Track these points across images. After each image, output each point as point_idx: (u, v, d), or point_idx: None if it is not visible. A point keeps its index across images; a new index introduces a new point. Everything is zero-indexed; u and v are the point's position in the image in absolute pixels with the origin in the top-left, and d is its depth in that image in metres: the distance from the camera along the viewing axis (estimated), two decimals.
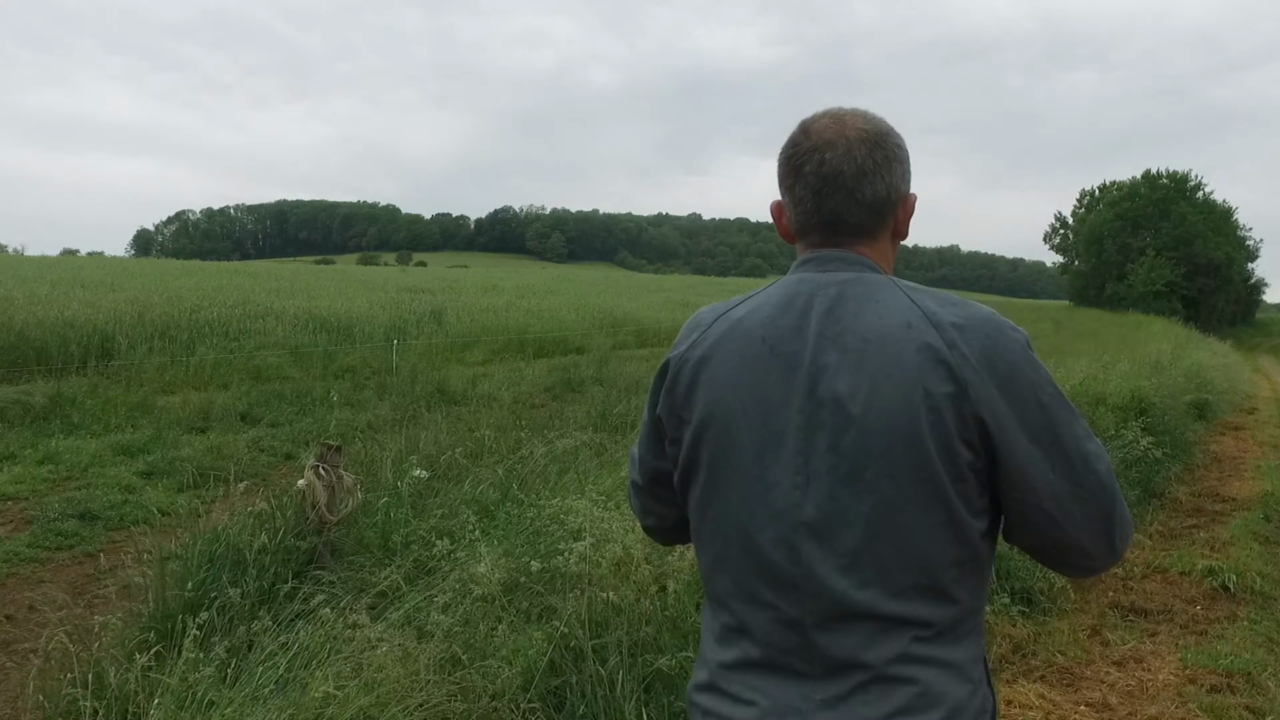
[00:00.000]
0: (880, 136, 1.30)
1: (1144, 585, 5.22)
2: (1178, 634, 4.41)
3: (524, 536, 3.80)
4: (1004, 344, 1.20)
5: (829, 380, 1.21)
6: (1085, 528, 1.22)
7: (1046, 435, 1.19)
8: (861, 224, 1.31)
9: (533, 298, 29.52)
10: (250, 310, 17.05)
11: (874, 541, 1.18)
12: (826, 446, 1.20)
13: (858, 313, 1.24)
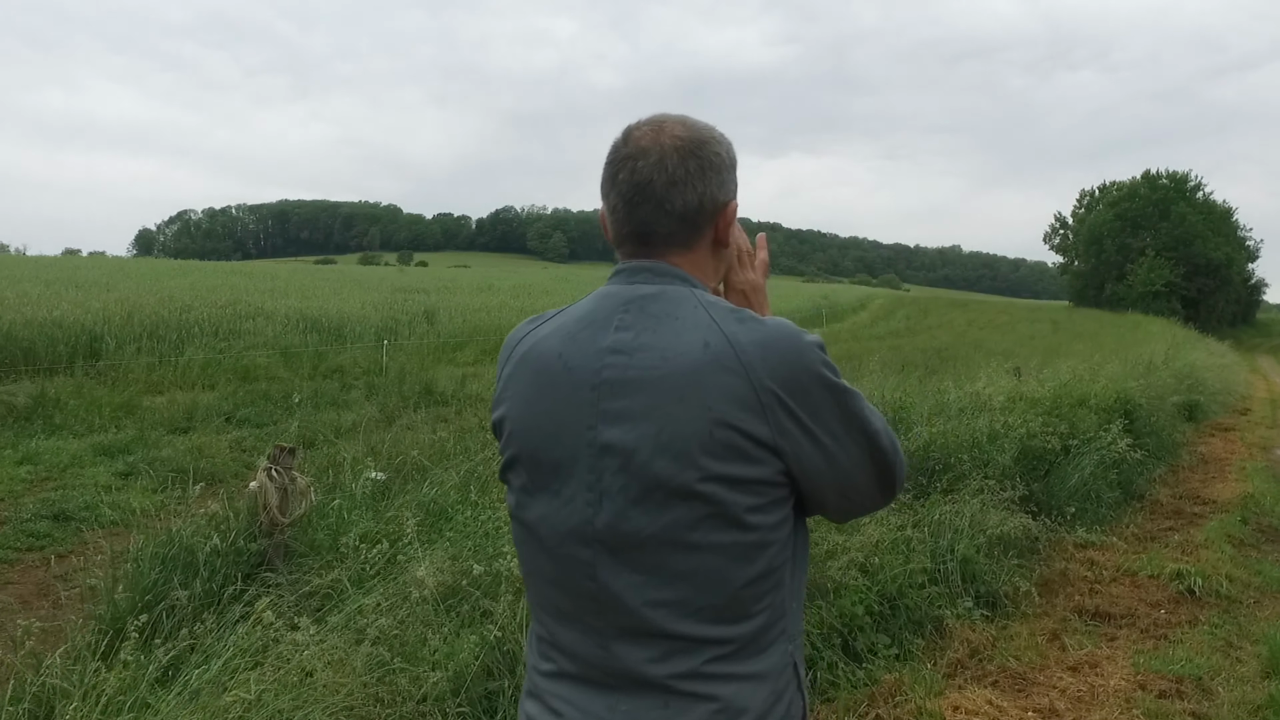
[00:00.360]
0: (696, 145, 1.29)
1: (1111, 589, 5.20)
2: (1137, 638, 4.38)
3: (474, 539, 3.79)
4: (803, 358, 1.21)
5: (623, 399, 1.20)
6: (871, 494, 1.32)
7: (842, 431, 1.23)
8: (673, 234, 1.29)
9: (528, 297, 29.52)
10: (241, 310, 17.07)
11: (666, 561, 1.19)
12: (618, 466, 1.20)
13: (656, 329, 1.23)
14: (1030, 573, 5.17)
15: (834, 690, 3.75)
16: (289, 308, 18.51)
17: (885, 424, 1.30)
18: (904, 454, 1.35)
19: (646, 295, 1.26)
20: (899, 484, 1.34)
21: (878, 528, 4.69)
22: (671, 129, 1.29)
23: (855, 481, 1.28)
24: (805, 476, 1.23)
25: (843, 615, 4.14)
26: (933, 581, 4.76)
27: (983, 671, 3.98)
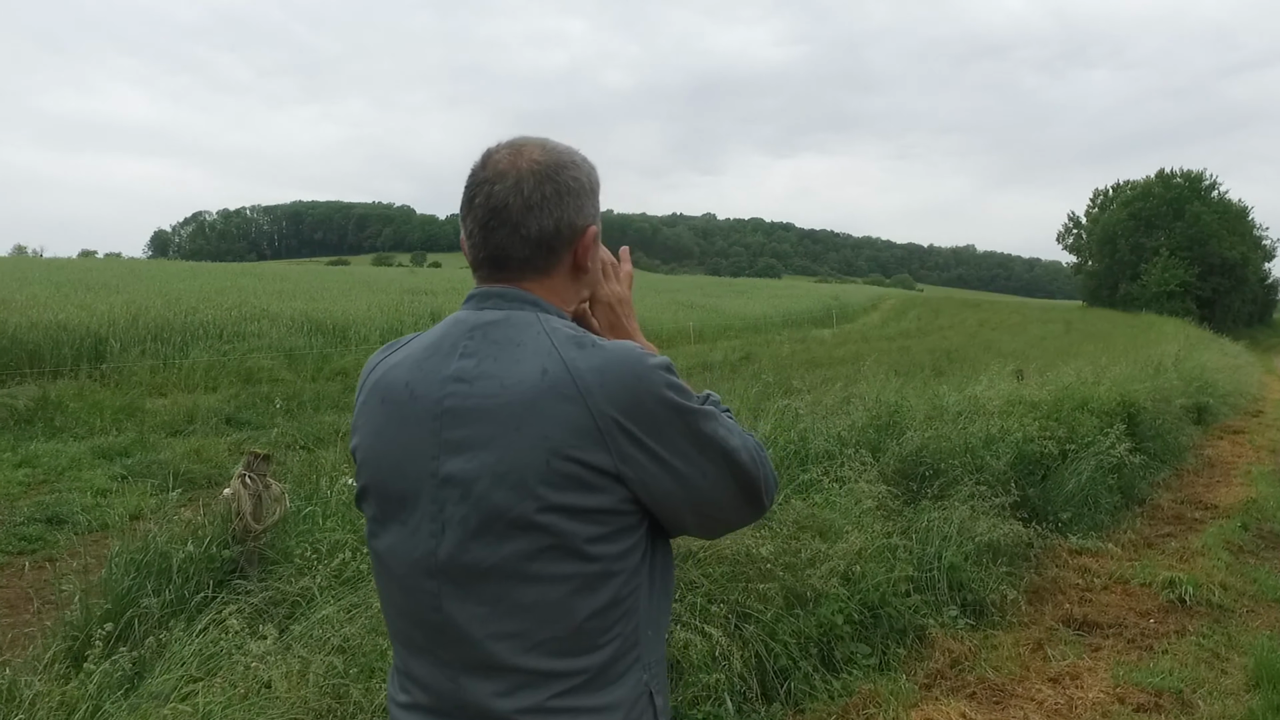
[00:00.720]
0: (554, 169, 1.28)
1: (1102, 597, 5.13)
2: (1122, 649, 4.31)
3: None
4: (643, 382, 1.19)
5: (463, 429, 1.20)
6: (738, 510, 1.32)
7: (694, 453, 1.23)
8: (529, 259, 1.29)
9: None
10: (246, 313, 17.10)
11: (508, 593, 1.18)
12: (459, 497, 1.19)
13: (498, 356, 1.22)
14: (1019, 580, 5.10)
15: (809, 701, 3.71)
16: (294, 310, 18.55)
17: (748, 440, 1.31)
18: (772, 466, 1.36)
19: (491, 322, 1.25)
20: (768, 497, 1.34)
21: (861, 534, 4.64)
22: (530, 153, 1.29)
23: (716, 500, 1.28)
24: (655, 501, 1.22)
25: (821, 625, 4.09)
26: (918, 590, 4.70)
27: (961, 683, 3.92)
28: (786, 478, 5.46)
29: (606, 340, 1.25)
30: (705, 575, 4.02)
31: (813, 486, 5.32)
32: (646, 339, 1.46)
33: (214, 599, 3.65)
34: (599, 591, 1.19)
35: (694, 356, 20.30)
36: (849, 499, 5.17)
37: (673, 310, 30.54)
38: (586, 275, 1.36)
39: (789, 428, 6.13)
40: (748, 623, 3.90)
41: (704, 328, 26.39)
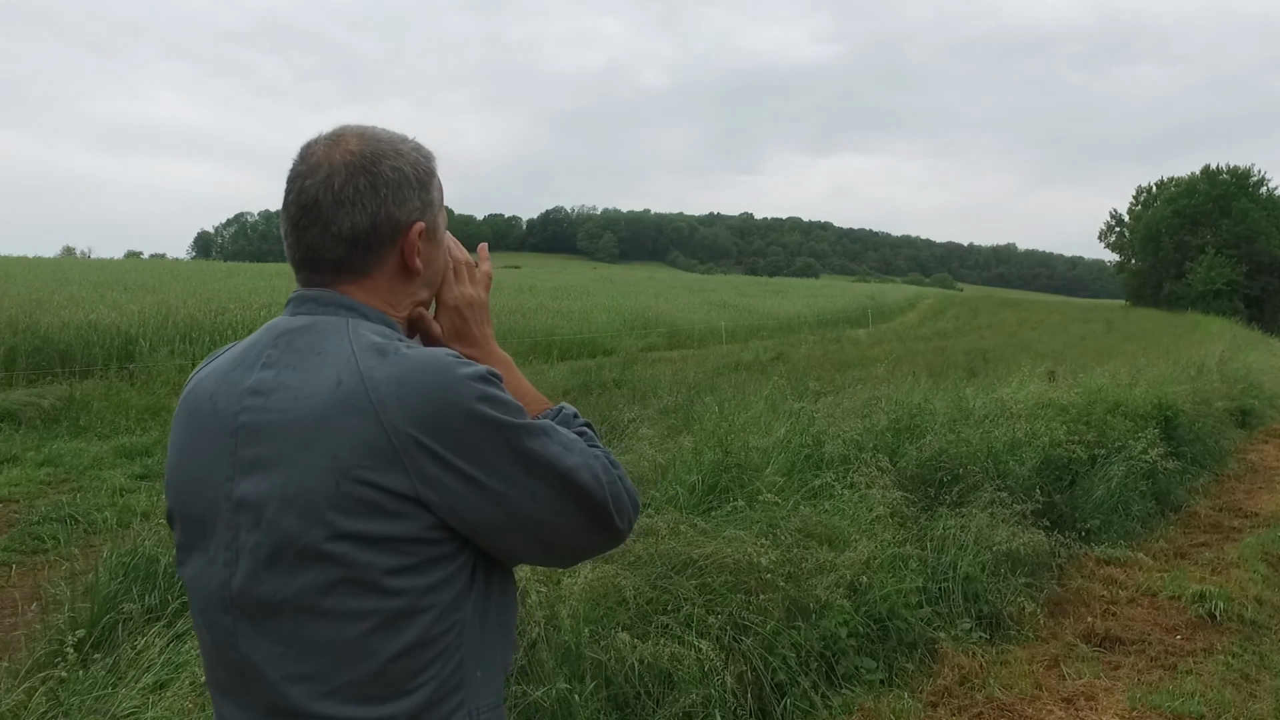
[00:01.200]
0: (371, 160, 1.17)
1: (1128, 611, 4.89)
2: (1143, 668, 4.09)
3: None
4: (449, 395, 1.07)
5: (256, 446, 1.08)
6: (587, 536, 1.19)
7: (519, 473, 1.11)
8: (343, 259, 1.17)
9: (567, 299, 29.48)
10: (275, 312, 17.11)
11: (302, 630, 1.06)
12: (251, 523, 1.07)
13: (297, 366, 1.10)
14: (1039, 592, 4.89)
15: (808, 719, 3.54)
16: None
17: (592, 457, 1.18)
18: (629, 484, 1.23)
19: (297, 328, 1.14)
20: (622, 520, 1.21)
21: (870, 543, 4.46)
22: (346, 143, 1.18)
23: (554, 525, 1.15)
24: (472, 528, 1.10)
25: (824, 637, 3.92)
26: (930, 601, 4.52)
27: (969, 701, 3.73)
28: (798, 482, 5.29)
29: (414, 348, 1.12)
30: (702, 586, 3.88)
31: (823, 492, 5.15)
32: (677, 340, 1.31)
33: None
34: (404, 630, 1.06)
35: (725, 356, 20.10)
36: (861, 506, 4.99)
37: (705, 310, 30.33)
38: (419, 276, 1.23)
39: (803, 431, 5.95)
40: (745, 635, 3.75)
41: (736, 328, 26.18)
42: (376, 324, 1.16)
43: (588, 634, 3.24)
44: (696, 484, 5.07)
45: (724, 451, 5.33)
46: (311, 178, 1.16)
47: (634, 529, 1.30)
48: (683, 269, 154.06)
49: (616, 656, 3.21)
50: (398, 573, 1.05)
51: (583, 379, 15.74)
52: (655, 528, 4.24)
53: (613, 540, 1.23)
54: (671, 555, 4.09)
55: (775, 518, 4.58)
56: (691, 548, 4.13)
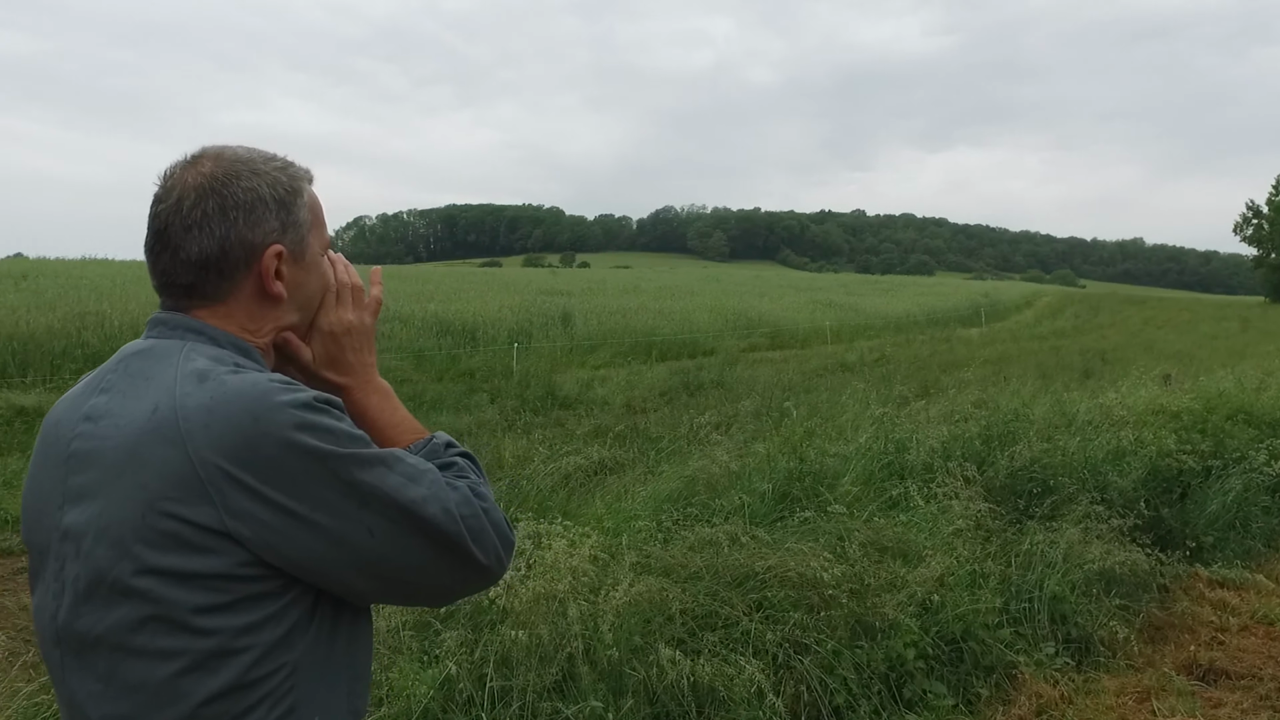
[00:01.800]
0: (222, 181, 1.13)
1: (1238, 640, 4.48)
2: (1250, 708, 3.71)
3: None
4: (262, 423, 1.01)
5: (82, 474, 1.05)
6: (447, 573, 1.12)
7: (350, 506, 1.04)
8: (194, 285, 1.13)
9: (671, 299, 29.41)
10: (379, 314, 17.61)
11: (116, 670, 1.02)
12: (74, 553, 1.04)
13: (126, 392, 1.08)
14: (1135, 615, 4.53)
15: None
16: (427, 312, 19.01)
17: (445, 488, 1.11)
18: (495, 518, 1.15)
19: (137, 351, 1.12)
20: (487, 555, 1.13)
21: (946, 558, 4.21)
22: (201, 165, 1.14)
23: (401, 562, 1.08)
24: (296, 565, 1.04)
25: (890, 658, 3.70)
26: (1012, 622, 4.24)
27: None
28: (875, 492, 5.05)
29: (238, 373, 1.05)
30: (760, 601, 3.72)
31: (900, 503, 4.90)
32: (780, 340, 1.20)
33: None
34: (217, 672, 1.01)
35: (829, 357, 19.68)
36: (941, 518, 4.73)
37: (810, 309, 29.80)
38: (281, 300, 1.17)
39: (884, 437, 5.69)
40: (804, 654, 3.57)
41: (841, 327, 25.62)
42: (224, 348, 1.12)
43: (629, 649, 3.12)
44: (767, 493, 4.89)
45: (799, 459, 5.14)
46: (164, 202, 1.13)
47: (507, 564, 1.20)
48: (794, 267, 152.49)
49: (659, 674, 3.08)
50: (209, 611, 1.00)
51: (681, 379, 15.63)
52: (715, 539, 4.10)
53: (480, 576, 1.15)
54: (733, 568, 3.95)
55: (845, 529, 4.37)
56: (754, 559, 3.98)
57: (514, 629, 2.91)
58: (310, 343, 1.27)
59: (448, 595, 1.20)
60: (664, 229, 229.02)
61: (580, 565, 3.20)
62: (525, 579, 3.12)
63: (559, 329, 20.14)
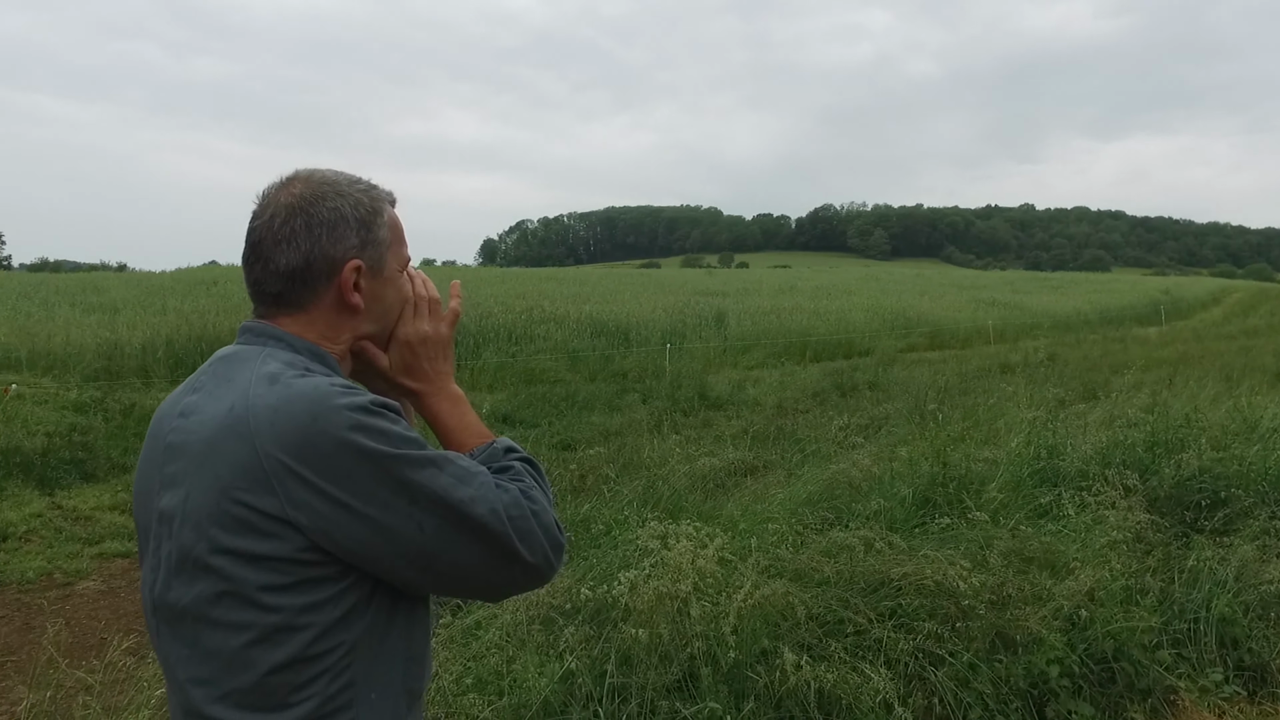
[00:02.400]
0: (310, 201, 1.25)
1: None
2: None
3: (611, 560, 3.65)
4: (320, 423, 1.11)
5: (174, 464, 1.18)
6: (485, 570, 1.19)
7: (401, 502, 1.13)
8: (281, 294, 1.26)
9: (827, 299, 28.91)
10: (535, 316, 18.14)
11: (199, 638, 1.15)
12: (167, 533, 1.17)
13: (212, 391, 1.20)
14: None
15: None
16: (583, 313, 19.40)
17: (495, 489, 1.19)
18: (544, 520, 1.22)
19: (226, 356, 1.25)
20: (534, 554, 1.21)
21: (1097, 571, 3.98)
22: (293, 186, 1.27)
23: (450, 558, 1.17)
24: (349, 553, 1.13)
25: (1031, 674, 3.54)
26: (1173, 644, 3.96)
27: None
28: (1023, 500, 4.83)
29: (306, 378, 1.16)
30: (894, 609, 3.63)
31: (1048, 513, 4.67)
32: (940, 340, 1.23)
33: None
34: (281, 645, 1.12)
35: (991, 358, 18.88)
36: (1096, 529, 4.47)
37: (972, 309, 28.66)
38: (360, 311, 1.29)
39: (1035, 441, 5.44)
40: (937, 666, 3.46)
41: (1005, 327, 24.52)
42: (299, 354, 1.23)
43: (754, 653, 3.11)
44: (907, 498, 4.76)
45: (942, 464, 4.98)
46: (259, 219, 1.26)
47: (558, 565, 1.27)
48: (958, 265, 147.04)
49: (782, 678, 3.06)
50: (273, 590, 1.11)
51: (834, 381, 15.37)
52: (849, 544, 4.02)
53: (529, 576, 1.22)
54: (867, 574, 3.87)
55: (988, 538, 4.21)
56: (890, 566, 3.89)
57: (635, 627, 2.96)
58: (389, 351, 1.36)
59: (498, 592, 1.28)
60: (823, 227, 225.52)
61: (705, 566, 3.22)
62: (649, 578, 3.15)
63: (712, 329, 20.15)
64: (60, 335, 14.18)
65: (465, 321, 16.27)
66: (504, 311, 18.07)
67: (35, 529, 6.63)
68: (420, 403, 1.37)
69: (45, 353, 13.18)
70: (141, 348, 13.44)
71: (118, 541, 6.48)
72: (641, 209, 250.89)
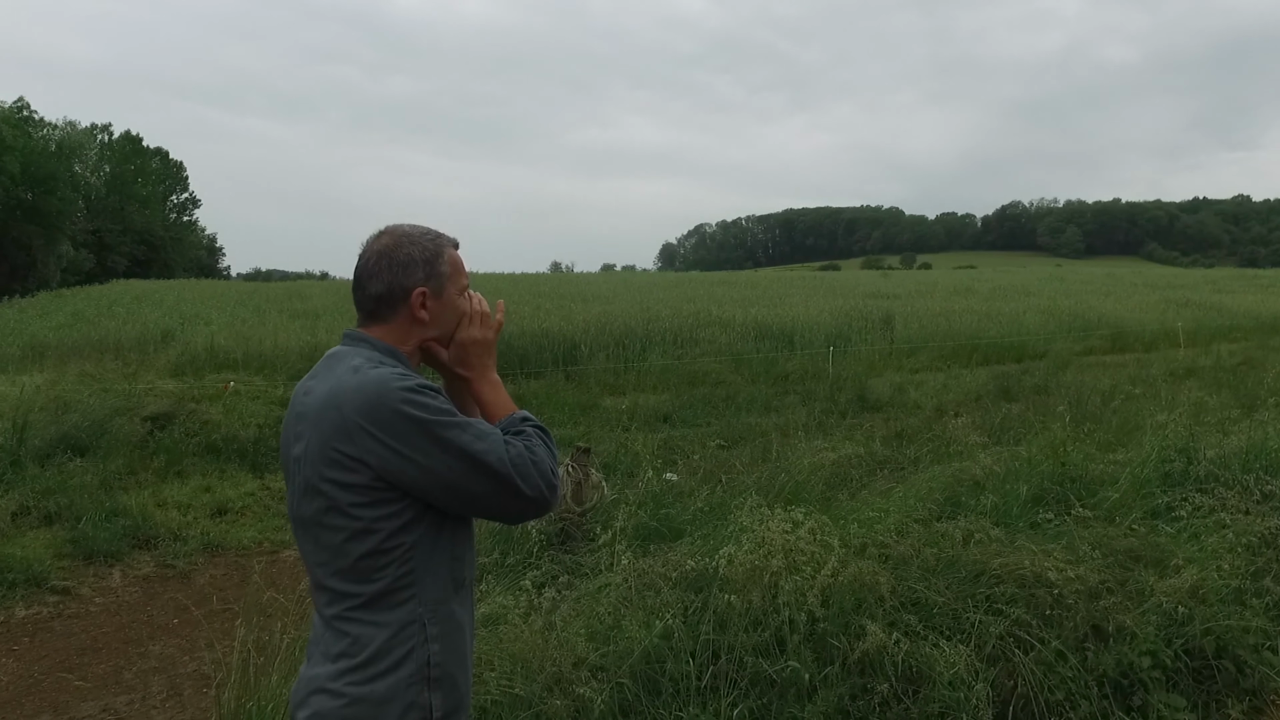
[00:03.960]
0: (391, 249, 1.82)
1: None
2: None
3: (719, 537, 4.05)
4: (383, 399, 1.66)
5: (301, 425, 1.76)
6: (498, 500, 1.71)
7: (436, 451, 1.66)
8: (372, 311, 1.83)
9: (1004, 300, 28.01)
10: (701, 320, 18.63)
11: (319, 536, 1.73)
12: (297, 470, 1.75)
13: (323, 378, 1.77)
14: None
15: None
16: (749, 316, 19.73)
17: (503, 444, 1.71)
18: (541, 467, 1.72)
19: (333, 353, 1.83)
20: (530, 489, 1.71)
21: (1204, 570, 4.04)
22: (382, 237, 1.85)
23: (470, 489, 1.69)
24: (405, 484, 1.68)
25: (1122, 665, 3.68)
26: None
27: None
28: (1143, 499, 4.88)
29: (375, 369, 1.70)
30: (985, 596, 3.84)
31: (1165, 514, 4.71)
32: (1123, 343, 1.61)
33: (536, 562, 4.37)
34: (364, 541, 1.68)
35: (1176, 361, 17.90)
36: (1217, 533, 4.48)
37: (1161, 309, 27.04)
38: (425, 323, 1.82)
39: (1164, 444, 5.43)
40: (1026, 651, 3.66)
41: (1198, 328, 23.02)
42: (379, 352, 1.79)
43: (840, 624, 3.44)
44: (1021, 494, 4.91)
45: (1060, 463, 5.09)
46: (360, 261, 1.86)
47: (553, 500, 1.79)
48: (1160, 263, 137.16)
49: (863, 646, 3.37)
50: (357, 505, 1.68)
51: (999, 384, 15.07)
52: (949, 534, 4.26)
53: (530, 504, 1.74)
54: (968, 564, 4.09)
55: (1096, 535, 4.33)
56: (990, 557, 4.10)
57: (729, 594, 3.36)
58: (449, 349, 1.90)
59: (509, 516, 1.79)
60: (1011, 226, 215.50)
61: (796, 544, 3.58)
62: (746, 553, 3.55)
63: (878, 332, 20.03)
64: (270, 339, 15.88)
65: (633, 325, 16.96)
66: (671, 315, 18.65)
67: (249, 505, 7.68)
68: (469, 386, 1.90)
69: (257, 354, 14.80)
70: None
71: None
72: (820, 210, 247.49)
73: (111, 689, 4.40)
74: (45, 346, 16.69)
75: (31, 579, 5.64)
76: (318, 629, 1.79)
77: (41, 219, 50.78)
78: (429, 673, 1.72)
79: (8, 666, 4.64)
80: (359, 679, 1.68)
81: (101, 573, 6.02)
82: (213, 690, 3.00)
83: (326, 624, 1.74)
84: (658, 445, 10.53)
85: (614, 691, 3.08)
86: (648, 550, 4.13)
